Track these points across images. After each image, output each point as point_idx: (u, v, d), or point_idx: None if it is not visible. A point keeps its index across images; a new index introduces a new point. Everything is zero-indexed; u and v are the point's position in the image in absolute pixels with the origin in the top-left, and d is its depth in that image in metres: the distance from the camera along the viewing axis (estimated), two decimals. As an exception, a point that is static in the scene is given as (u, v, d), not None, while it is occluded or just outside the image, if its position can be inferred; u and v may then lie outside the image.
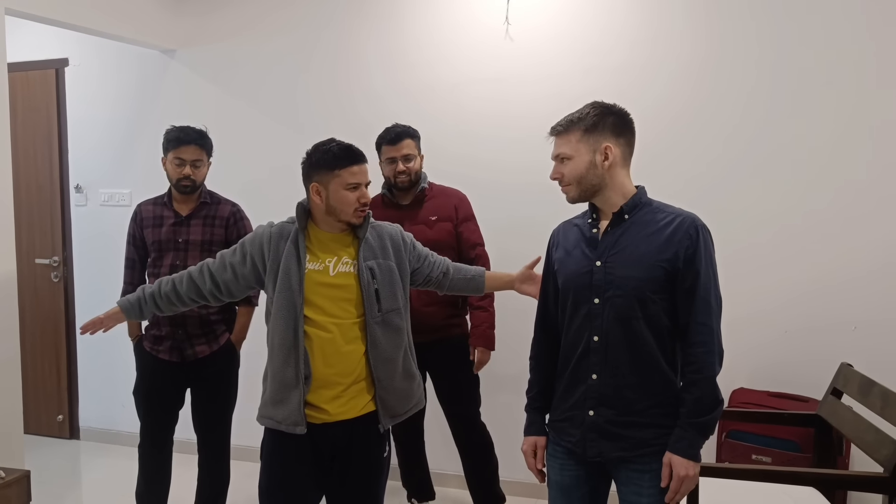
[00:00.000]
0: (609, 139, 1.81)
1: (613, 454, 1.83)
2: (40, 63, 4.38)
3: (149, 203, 3.00)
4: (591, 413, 1.83)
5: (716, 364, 1.75)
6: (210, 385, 2.95)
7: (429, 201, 3.02)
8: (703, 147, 3.18)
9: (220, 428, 3.01)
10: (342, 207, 2.11)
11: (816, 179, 3.05)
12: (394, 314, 2.17)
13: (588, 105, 1.86)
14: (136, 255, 2.98)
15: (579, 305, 1.86)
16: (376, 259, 2.17)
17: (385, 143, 2.96)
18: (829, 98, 3.02)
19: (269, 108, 3.92)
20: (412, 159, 2.95)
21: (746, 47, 3.11)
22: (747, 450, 2.79)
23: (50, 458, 4.09)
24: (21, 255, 3.08)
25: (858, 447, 2.32)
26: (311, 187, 2.14)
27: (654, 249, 1.77)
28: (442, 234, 2.94)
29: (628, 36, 3.28)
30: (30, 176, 4.41)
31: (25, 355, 3.14)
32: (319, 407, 2.11)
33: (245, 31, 3.95)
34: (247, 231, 2.91)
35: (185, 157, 2.84)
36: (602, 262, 1.82)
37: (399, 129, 2.96)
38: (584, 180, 1.83)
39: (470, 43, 3.53)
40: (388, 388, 2.16)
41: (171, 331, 2.85)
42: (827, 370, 2.65)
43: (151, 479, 2.98)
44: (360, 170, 2.13)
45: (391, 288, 2.17)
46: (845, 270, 3.02)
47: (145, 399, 2.95)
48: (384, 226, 2.28)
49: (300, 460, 2.14)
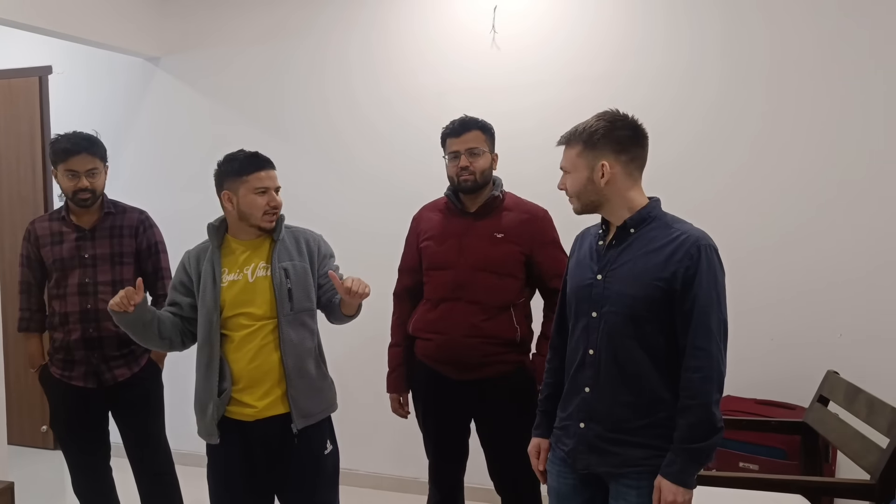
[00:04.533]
0: (608, 156, 1.76)
1: (600, 469, 1.82)
2: (23, 71, 4.34)
3: (43, 220, 2.76)
4: (582, 426, 1.83)
5: (713, 391, 1.68)
6: (135, 410, 2.77)
7: (499, 213, 2.51)
8: (686, 154, 3.20)
9: (156, 455, 2.82)
10: (252, 212, 2.20)
11: (802, 188, 3.07)
12: (305, 314, 2.26)
13: (598, 115, 1.81)
14: (31, 278, 2.75)
15: (580, 317, 1.86)
16: (291, 260, 2.26)
17: (449, 136, 2.52)
18: (817, 106, 3.04)
19: (255, 115, 3.90)
20: (479, 154, 2.47)
21: (731, 54, 3.14)
22: (734, 457, 2.80)
23: (34, 469, 4.04)
24: (4, 265, 3.04)
25: (844, 454, 2.34)
26: (222, 195, 2.23)
27: (653, 267, 1.73)
28: (503, 257, 2.43)
29: (613, 44, 3.29)
30: (12, 186, 4.36)
31: (9, 366, 3.09)
32: (247, 404, 2.20)
33: (229, 39, 3.93)
34: (156, 238, 2.84)
35: (78, 167, 2.61)
36: (602, 276, 1.81)
37: (465, 119, 2.53)
38: (584, 195, 1.81)
39: (456, 51, 3.54)
40: (298, 388, 2.23)
41: (85, 355, 2.65)
42: (813, 378, 2.66)
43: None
44: (268, 175, 2.22)
45: (305, 289, 2.26)
46: (831, 278, 3.04)
47: (67, 432, 2.75)
48: (304, 231, 2.36)
49: (232, 466, 2.24)
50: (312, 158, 3.80)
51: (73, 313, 2.65)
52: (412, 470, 3.65)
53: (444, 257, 2.50)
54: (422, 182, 3.13)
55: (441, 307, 2.49)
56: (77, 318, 2.65)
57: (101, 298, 2.64)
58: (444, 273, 2.49)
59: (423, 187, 3.07)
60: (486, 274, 2.43)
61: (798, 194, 3.08)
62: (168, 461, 2.85)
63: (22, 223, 4.33)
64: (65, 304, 2.66)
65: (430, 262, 2.54)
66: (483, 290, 2.43)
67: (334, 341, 2.74)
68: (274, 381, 2.20)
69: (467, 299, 2.44)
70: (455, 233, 2.50)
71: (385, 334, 2.70)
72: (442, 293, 2.49)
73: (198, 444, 2.36)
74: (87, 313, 2.65)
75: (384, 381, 2.67)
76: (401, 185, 3.59)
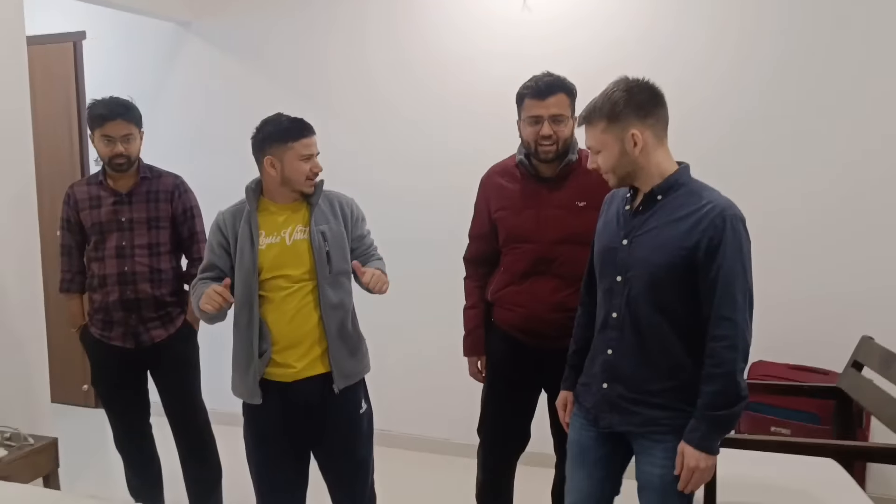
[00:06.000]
0: (635, 124, 1.74)
1: (622, 428, 1.85)
2: (58, 36, 4.39)
3: (82, 184, 2.81)
4: (605, 386, 1.86)
5: (738, 360, 1.69)
6: (172, 370, 2.83)
7: (577, 178, 2.32)
8: (739, 116, 3.14)
9: (194, 413, 2.88)
10: (296, 177, 2.22)
11: (848, 153, 3.01)
12: (343, 276, 2.29)
13: (612, 85, 1.78)
14: (72, 241, 2.81)
15: (604, 279, 1.88)
16: (328, 223, 2.27)
17: (529, 96, 2.27)
18: (858, 92, 2.96)
19: (285, 79, 3.91)
20: (563, 121, 2.25)
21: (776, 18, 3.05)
22: (767, 422, 2.79)
23: (76, 426, 4.17)
24: (44, 228, 3.11)
25: (879, 420, 2.31)
26: (265, 160, 2.23)
27: (678, 235, 1.73)
28: (587, 227, 2.08)
29: (652, 3, 3.21)
30: (50, 149, 4.43)
31: (51, 327, 3.17)
32: (287, 364, 2.23)
33: (259, 3, 3.92)
34: (192, 203, 2.87)
35: (114, 133, 2.64)
36: (628, 242, 1.81)
37: (550, 79, 2.27)
38: (619, 169, 1.79)
39: (485, 14, 3.48)
40: (339, 349, 2.26)
41: (123, 316, 2.70)
42: (848, 344, 2.63)
43: (140, 469, 2.92)
44: (311, 142, 2.24)
45: (342, 252, 2.28)
46: (869, 243, 2.99)
47: (108, 391, 2.83)
48: (337, 194, 2.37)
49: (270, 425, 2.29)
50: (343, 122, 3.80)
51: (111, 275, 2.71)
52: (443, 431, 3.70)
53: (522, 230, 2.35)
54: (438, 151, 3.11)
55: (526, 283, 2.36)
56: (115, 280, 2.71)
57: (138, 261, 2.71)
58: (524, 246, 2.36)
59: (445, 156, 3.05)
60: (570, 246, 2.28)
61: (845, 165, 3.02)
62: (205, 419, 2.92)
63: (60, 186, 4.39)
64: (103, 266, 2.72)
65: (508, 235, 2.40)
66: (568, 263, 2.28)
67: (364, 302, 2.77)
68: (313, 342, 2.24)
69: (553, 273, 2.32)
70: (532, 203, 2.34)
71: (413, 295, 2.68)
72: (524, 267, 2.36)
73: (232, 404, 2.41)
74: (125, 275, 2.71)
75: (415, 342, 2.66)
76: (427, 153, 3.58)
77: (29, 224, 3.02)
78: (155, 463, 2.97)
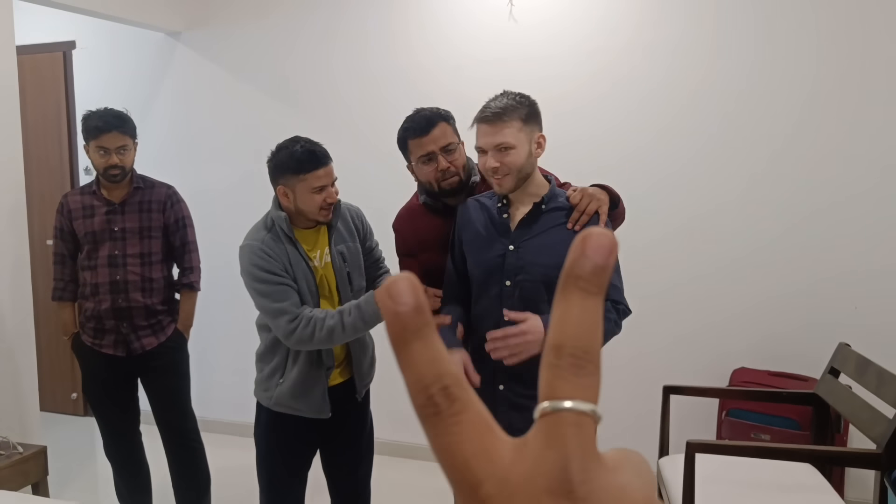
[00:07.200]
0: (539, 129, 1.90)
1: (521, 425, 1.86)
2: (48, 46, 4.41)
3: (76, 193, 2.84)
4: (501, 388, 1.93)
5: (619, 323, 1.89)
6: (162, 378, 2.86)
7: None
8: (711, 126, 3.19)
9: (184, 421, 2.91)
10: (309, 209, 2.16)
11: (826, 172, 3.07)
12: (361, 293, 2.31)
13: (512, 93, 1.89)
14: (65, 250, 2.84)
15: (489, 286, 1.95)
16: (345, 242, 2.29)
17: (412, 137, 2.12)
18: (842, 91, 3.03)
19: (274, 89, 3.94)
20: (454, 149, 2.11)
21: (752, 27, 3.12)
22: (747, 428, 2.84)
23: (65, 434, 4.17)
24: (33, 237, 3.13)
25: (854, 425, 2.37)
26: (278, 189, 2.20)
27: (564, 238, 1.85)
28: None
29: (634, 15, 3.27)
30: (40, 159, 4.46)
31: (40, 335, 3.19)
32: None
33: (249, 13, 3.96)
34: (184, 213, 2.88)
35: (108, 145, 2.68)
36: (515, 247, 1.91)
37: (426, 114, 2.13)
38: (523, 170, 1.89)
39: (473, 24, 3.54)
40: (361, 360, 2.33)
41: (115, 324, 2.74)
42: (826, 350, 2.69)
43: (129, 476, 2.94)
44: (325, 172, 2.14)
45: (359, 269, 2.32)
46: (847, 251, 3.05)
47: (98, 398, 2.86)
48: (346, 205, 2.34)
49: (300, 436, 2.31)
50: (333, 131, 3.83)
51: (102, 284, 2.74)
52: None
53: None
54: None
55: None
56: (107, 289, 2.74)
57: (130, 270, 2.75)
58: None
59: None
60: None
61: (815, 172, 3.08)
62: (194, 427, 2.95)
63: (50, 195, 4.45)
64: (95, 275, 2.75)
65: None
66: None
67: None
68: (339, 350, 2.29)
69: None
70: (442, 231, 2.21)
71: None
72: None
73: (221, 412, 2.44)
74: (117, 284, 2.74)
75: None
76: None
77: (18, 233, 3.05)
78: (144, 470, 2.99)
